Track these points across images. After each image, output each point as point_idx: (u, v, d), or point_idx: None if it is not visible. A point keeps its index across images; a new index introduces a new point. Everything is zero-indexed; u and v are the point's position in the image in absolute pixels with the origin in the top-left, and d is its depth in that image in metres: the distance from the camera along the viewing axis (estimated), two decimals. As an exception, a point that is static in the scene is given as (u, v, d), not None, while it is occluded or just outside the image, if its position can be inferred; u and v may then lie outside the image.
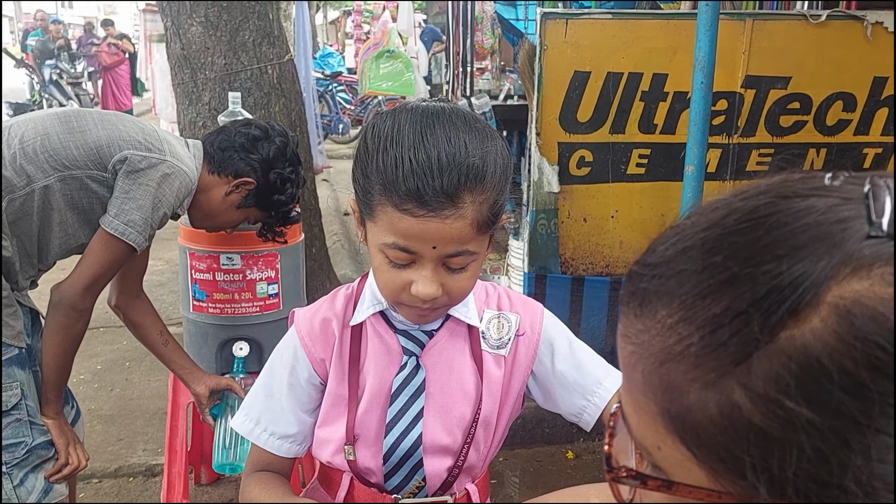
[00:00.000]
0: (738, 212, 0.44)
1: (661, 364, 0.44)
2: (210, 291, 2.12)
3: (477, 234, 0.92)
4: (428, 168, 0.88)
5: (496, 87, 6.72)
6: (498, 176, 0.94)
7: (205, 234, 2.07)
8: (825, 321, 0.39)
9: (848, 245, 0.40)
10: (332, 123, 10.42)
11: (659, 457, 0.46)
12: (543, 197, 2.80)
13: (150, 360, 3.75)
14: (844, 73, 2.73)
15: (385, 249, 0.93)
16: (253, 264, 2.09)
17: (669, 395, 0.44)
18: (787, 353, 0.39)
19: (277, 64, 3.42)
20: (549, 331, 1.10)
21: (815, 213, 0.42)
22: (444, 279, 0.94)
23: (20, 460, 1.73)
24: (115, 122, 1.79)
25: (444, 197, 0.88)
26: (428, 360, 1.06)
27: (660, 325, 0.45)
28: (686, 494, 0.45)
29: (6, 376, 1.70)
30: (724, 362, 0.41)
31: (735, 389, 0.41)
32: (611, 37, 2.67)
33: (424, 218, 0.88)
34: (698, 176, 2.29)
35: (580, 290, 2.91)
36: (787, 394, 0.39)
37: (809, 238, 0.41)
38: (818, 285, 0.39)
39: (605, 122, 2.74)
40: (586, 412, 1.08)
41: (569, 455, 2.97)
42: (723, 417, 0.41)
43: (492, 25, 7.66)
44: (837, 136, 2.81)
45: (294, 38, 6.53)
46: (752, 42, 2.68)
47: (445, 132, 0.90)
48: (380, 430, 1.05)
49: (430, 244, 0.90)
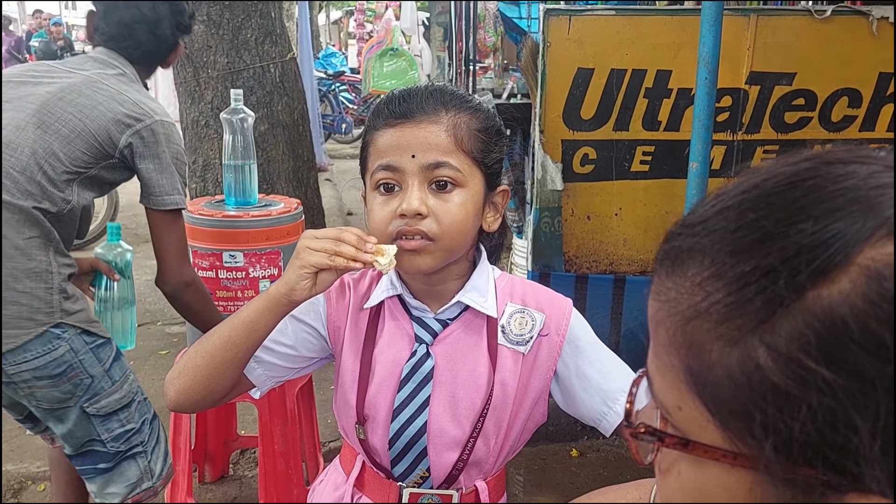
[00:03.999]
0: (780, 175, 0.44)
1: (687, 321, 0.44)
2: (213, 289, 2.11)
3: (458, 150, 0.98)
4: (407, 91, 1.01)
5: (499, 85, 6.70)
6: (482, 113, 1.03)
7: (208, 233, 2.07)
8: (854, 282, 0.38)
9: (885, 210, 0.39)
10: (335, 123, 10.41)
11: (679, 417, 0.46)
12: (547, 195, 2.79)
13: (154, 358, 3.76)
14: (849, 69, 2.71)
15: (375, 181, 0.99)
16: (256, 262, 2.09)
17: (693, 352, 0.44)
18: (812, 311, 0.39)
19: (280, 62, 3.42)
20: (574, 330, 1.08)
21: (854, 177, 0.41)
22: (432, 202, 0.97)
23: (150, 433, 1.96)
24: (90, 106, 1.77)
25: (420, 108, 0.98)
26: (439, 349, 1.06)
27: (689, 283, 0.45)
28: (702, 453, 0.44)
29: (119, 368, 1.88)
30: (749, 320, 0.41)
31: (758, 347, 0.40)
32: (614, 33, 2.66)
33: (402, 126, 0.97)
34: (702, 173, 2.27)
35: (584, 288, 2.90)
36: (808, 353, 0.39)
37: (847, 201, 0.40)
38: (850, 246, 0.39)
39: (608, 120, 2.73)
40: (606, 419, 1.06)
41: (573, 453, 2.96)
42: (743, 375, 0.41)
43: (494, 23, 7.64)
44: (843, 133, 2.80)
45: (298, 38, 6.53)
46: (756, 38, 2.67)
47: (431, 86, 1.04)
48: (388, 414, 1.05)
49: (409, 153, 0.97)
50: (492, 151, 1.02)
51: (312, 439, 2.50)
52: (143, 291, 4.78)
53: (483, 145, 1.00)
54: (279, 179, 3.52)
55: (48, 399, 1.75)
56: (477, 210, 1.01)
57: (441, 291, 1.07)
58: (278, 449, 2.11)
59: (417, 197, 0.96)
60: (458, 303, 1.06)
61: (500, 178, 1.06)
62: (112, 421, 1.85)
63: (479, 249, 1.10)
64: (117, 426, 1.86)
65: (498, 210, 1.07)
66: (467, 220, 1.00)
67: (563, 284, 2.87)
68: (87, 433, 1.82)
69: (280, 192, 3.39)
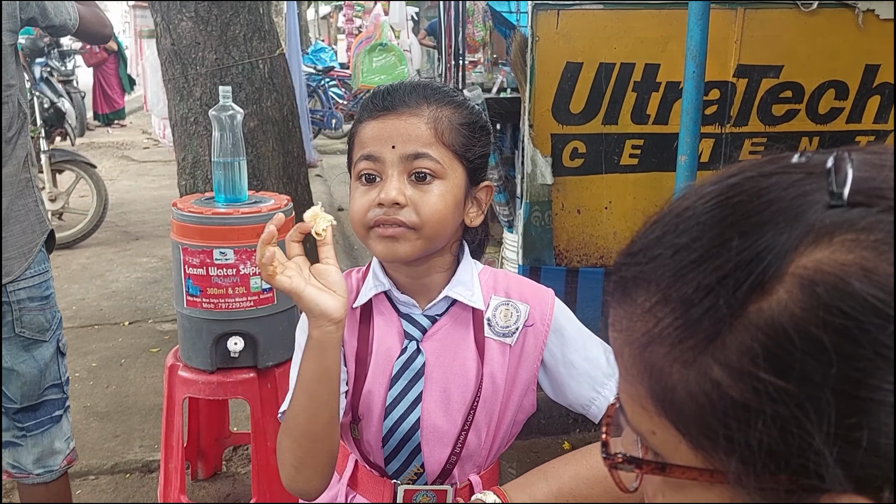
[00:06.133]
0: (707, 196, 0.46)
1: (644, 348, 0.45)
2: (204, 286, 2.11)
3: (438, 143, 0.99)
4: (392, 86, 1.04)
5: (489, 79, 6.70)
6: (465, 108, 1.04)
7: (198, 230, 2.07)
8: (790, 291, 0.39)
9: (809, 216, 0.41)
10: (324, 119, 10.38)
11: (655, 442, 0.47)
12: (537, 189, 2.80)
13: (145, 356, 3.75)
14: (836, 61, 2.73)
15: (357, 171, 1.02)
16: (246, 259, 2.09)
17: (654, 377, 0.45)
18: (756, 325, 0.40)
19: (269, 58, 3.41)
20: (559, 319, 1.10)
21: (777, 188, 0.43)
22: (410, 192, 0.99)
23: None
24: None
25: (403, 101, 1.01)
26: (428, 345, 1.06)
27: (640, 310, 0.46)
28: (680, 475, 0.45)
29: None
30: (700, 340, 0.42)
31: (712, 365, 0.42)
32: (602, 27, 2.66)
33: (384, 118, 1.00)
34: (691, 166, 2.28)
35: (574, 282, 2.91)
36: (758, 365, 0.40)
37: (772, 213, 0.42)
38: (781, 257, 0.40)
39: (597, 113, 2.74)
40: (595, 404, 1.08)
41: (565, 446, 2.98)
42: (702, 393, 0.42)
43: (483, 18, 7.63)
44: (830, 125, 2.81)
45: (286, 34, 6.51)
46: (743, 31, 2.68)
47: (418, 81, 1.08)
48: (381, 411, 1.06)
49: (389, 143, 0.99)
50: (474, 146, 1.04)
51: (305, 435, 2.50)
52: (133, 290, 4.78)
53: (465, 139, 1.02)
54: (269, 176, 3.51)
55: (33, 326, 1.82)
56: (457, 202, 1.02)
57: (427, 285, 1.07)
58: (271, 446, 2.12)
59: (396, 187, 0.98)
60: (445, 298, 1.07)
61: (484, 173, 1.07)
62: (63, 362, 1.94)
63: (462, 245, 1.11)
64: (65, 370, 1.96)
65: (481, 206, 1.08)
66: (446, 211, 1.00)
67: (554, 278, 2.88)
68: (53, 374, 1.89)
69: (270, 188, 3.38)
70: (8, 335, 1.80)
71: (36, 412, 1.87)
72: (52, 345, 1.86)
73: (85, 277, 5.03)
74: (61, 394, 1.91)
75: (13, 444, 1.88)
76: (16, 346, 1.81)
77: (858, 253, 0.39)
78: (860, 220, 0.39)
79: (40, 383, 1.85)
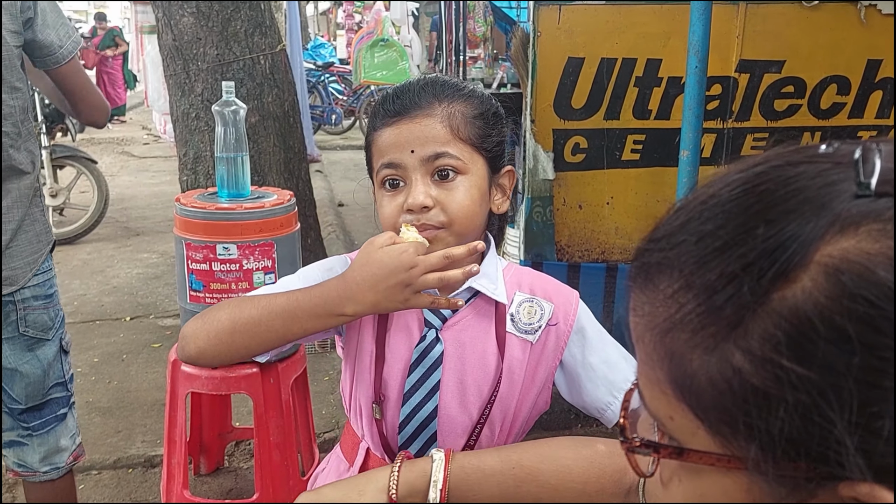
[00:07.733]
0: (734, 183, 0.46)
1: (665, 333, 0.46)
2: (207, 281, 2.11)
3: (455, 140, 1.00)
4: (401, 88, 1.04)
5: (489, 75, 6.71)
6: (476, 98, 1.04)
7: (201, 225, 2.07)
8: (814, 280, 0.40)
9: (836, 206, 0.41)
10: (324, 114, 10.38)
11: (672, 427, 0.47)
12: (538, 184, 2.80)
13: (147, 352, 3.76)
14: (838, 57, 2.73)
15: (380, 179, 1.03)
16: (249, 254, 2.09)
17: (674, 363, 0.45)
18: (779, 313, 0.40)
19: (270, 54, 3.41)
20: (581, 321, 1.10)
21: (804, 178, 0.43)
22: (436, 193, 1.00)
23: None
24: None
25: (414, 102, 1.00)
26: (448, 334, 1.06)
27: (662, 296, 0.46)
28: (697, 460, 0.46)
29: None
30: (722, 327, 0.42)
31: (734, 352, 0.42)
32: (604, 22, 2.66)
33: (399, 123, 1.00)
34: (693, 161, 2.28)
35: (576, 277, 2.91)
36: (780, 352, 0.40)
37: (798, 202, 0.42)
38: (807, 246, 0.40)
39: (599, 109, 2.74)
40: (611, 408, 1.07)
41: (567, 441, 2.98)
42: (723, 380, 0.42)
43: (484, 13, 7.63)
44: (832, 120, 2.81)
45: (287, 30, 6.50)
46: (745, 26, 2.68)
47: (425, 79, 1.06)
48: (398, 397, 1.06)
49: (408, 148, 0.99)
50: (490, 135, 1.04)
51: (307, 430, 2.51)
52: (134, 285, 4.78)
53: (480, 130, 1.02)
54: (270, 171, 3.51)
55: (36, 325, 1.81)
56: (482, 195, 1.03)
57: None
58: (273, 440, 2.12)
59: (422, 191, 0.99)
60: (468, 288, 1.06)
61: (503, 159, 1.07)
62: (67, 360, 1.93)
63: (488, 238, 1.11)
64: (68, 367, 1.94)
65: (505, 192, 1.09)
66: (473, 206, 1.01)
67: (556, 273, 2.84)
68: (57, 373, 1.88)
69: (271, 183, 3.39)
70: (12, 335, 1.79)
71: (41, 412, 1.86)
72: (55, 343, 1.86)
73: (86, 273, 5.04)
74: (66, 392, 1.90)
75: (19, 443, 1.88)
76: (19, 347, 1.80)
77: (885, 242, 0.39)
78: (887, 211, 0.40)
79: (44, 383, 1.85)
